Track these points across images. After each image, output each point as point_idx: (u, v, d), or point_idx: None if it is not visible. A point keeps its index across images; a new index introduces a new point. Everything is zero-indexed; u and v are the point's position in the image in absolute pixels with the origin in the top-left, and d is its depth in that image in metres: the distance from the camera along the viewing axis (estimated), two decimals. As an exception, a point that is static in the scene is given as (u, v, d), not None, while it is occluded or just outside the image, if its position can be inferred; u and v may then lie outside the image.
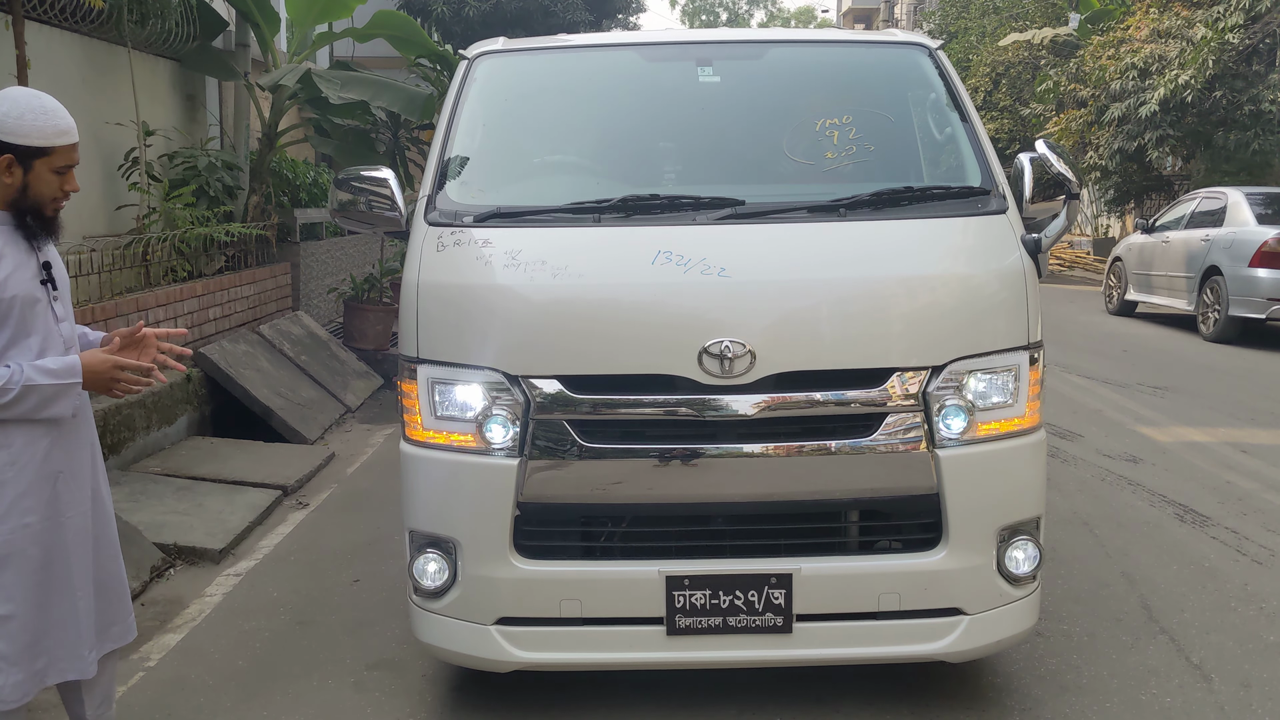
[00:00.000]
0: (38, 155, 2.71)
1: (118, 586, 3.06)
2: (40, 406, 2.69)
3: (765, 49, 4.13)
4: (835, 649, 3.23)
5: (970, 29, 30.67)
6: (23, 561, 2.76)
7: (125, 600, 3.09)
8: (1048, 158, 3.48)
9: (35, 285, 2.77)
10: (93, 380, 2.77)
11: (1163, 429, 7.71)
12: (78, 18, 7.32)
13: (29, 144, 2.69)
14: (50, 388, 2.69)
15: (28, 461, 2.74)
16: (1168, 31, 17.72)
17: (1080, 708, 3.56)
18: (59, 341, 2.82)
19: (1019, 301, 3.27)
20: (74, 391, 2.74)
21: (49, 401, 2.70)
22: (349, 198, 3.51)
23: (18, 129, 2.68)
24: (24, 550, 2.76)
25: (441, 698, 3.69)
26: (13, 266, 2.71)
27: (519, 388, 3.14)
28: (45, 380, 2.68)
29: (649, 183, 3.61)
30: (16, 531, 2.74)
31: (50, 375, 2.69)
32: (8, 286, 2.69)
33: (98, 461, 3.00)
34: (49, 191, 2.76)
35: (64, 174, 2.77)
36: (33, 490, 2.75)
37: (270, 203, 9.64)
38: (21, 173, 2.71)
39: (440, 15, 17.99)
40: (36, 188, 2.74)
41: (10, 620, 2.76)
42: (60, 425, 2.81)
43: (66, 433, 2.84)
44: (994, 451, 3.22)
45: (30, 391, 2.66)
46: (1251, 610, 4.40)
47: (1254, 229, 11.85)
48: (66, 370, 2.72)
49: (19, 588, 2.76)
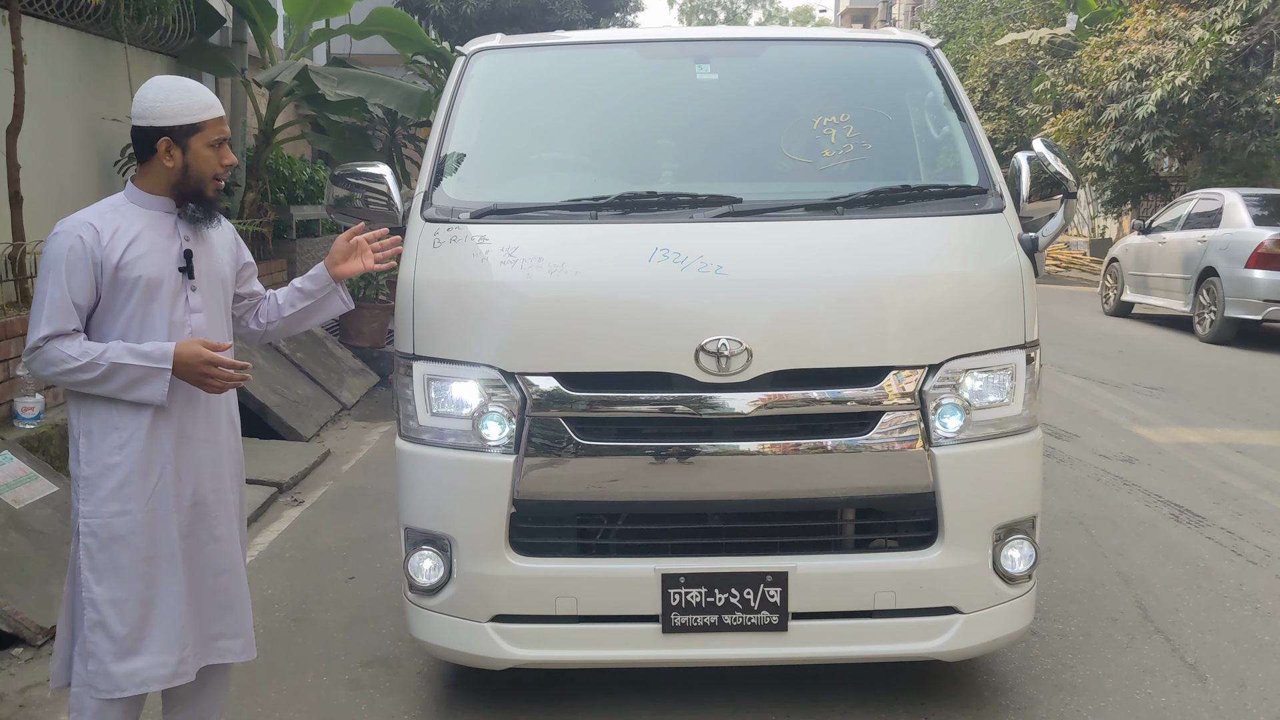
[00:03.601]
0: (191, 132, 2.75)
1: (229, 598, 2.93)
2: (128, 387, 2.67)
3: (763, 47, 4.13)
4: (831, 647, 3.23)
5: (968, 29, 30.68)
6: (123, 549, 2.71)
7: (240, 614, 2.96)
8: (1045, 157, 3.48)
9: (169, 271, 2.77)
10: (182, 370, 2.69)
11: (1158, 429, 7.72)
12: (74, 13, 7.30)
13: (181, 122, 2.73)
14: (138, 369, 2.66)
15: (137, 448, 2.71)
16: (1165, 33, 17.73)
17: (1075, 707, 3.56)
18: (187, 332, 2.80)
19: (1015, 300, 3.26)
20: (162, 377, 2.67)
21: (137, 384, 2.67)
22: (345, 194, 3.50)
23: (168, 110, 2.73)
24: (124, 537, 2.71)
25: (436, 695, 3.69)
26: (147, 248, 2.73)
27: (515, 385, 3.14)
28: (133, 361, 2.66)
29: (646, 180, 3.61)
30: (117, 516, 2.70)
31: (140, 357, 2.66)
32: (136, 266, 2.70)
33: (224, 465, 2.92)
34: (208, 168, 2.79)
35: (219, 148, 2.80)
36: (135, 478, 2.72)
37: (267, 199, 9.63)
38: (180, 153, 2.75)
39: (437, 12, 17.99)
40: (197, 165, 2.77)
41: (110, 605, 2.70)
42: (172, 418, 2.76)
43: (182, 427, 2.79)
44: (990, 450, 3.22)
45: (118, 370, 2.64)
46: (1246, 610, 4.41)
47: (1250, 230, 11.86)
48: (159, 355, 2.68)
49: (119, 573, 2.71)
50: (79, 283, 2.65)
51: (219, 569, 2.90)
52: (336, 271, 3.10)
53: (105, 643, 2.71)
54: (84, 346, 2.65)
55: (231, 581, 2.94)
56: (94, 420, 2.72)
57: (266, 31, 9.53)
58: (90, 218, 2.72)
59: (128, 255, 2.70)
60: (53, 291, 2.64)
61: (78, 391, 2.71)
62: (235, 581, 2.95)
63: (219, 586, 2.91)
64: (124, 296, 2.72)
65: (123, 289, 2.71)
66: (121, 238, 2.71)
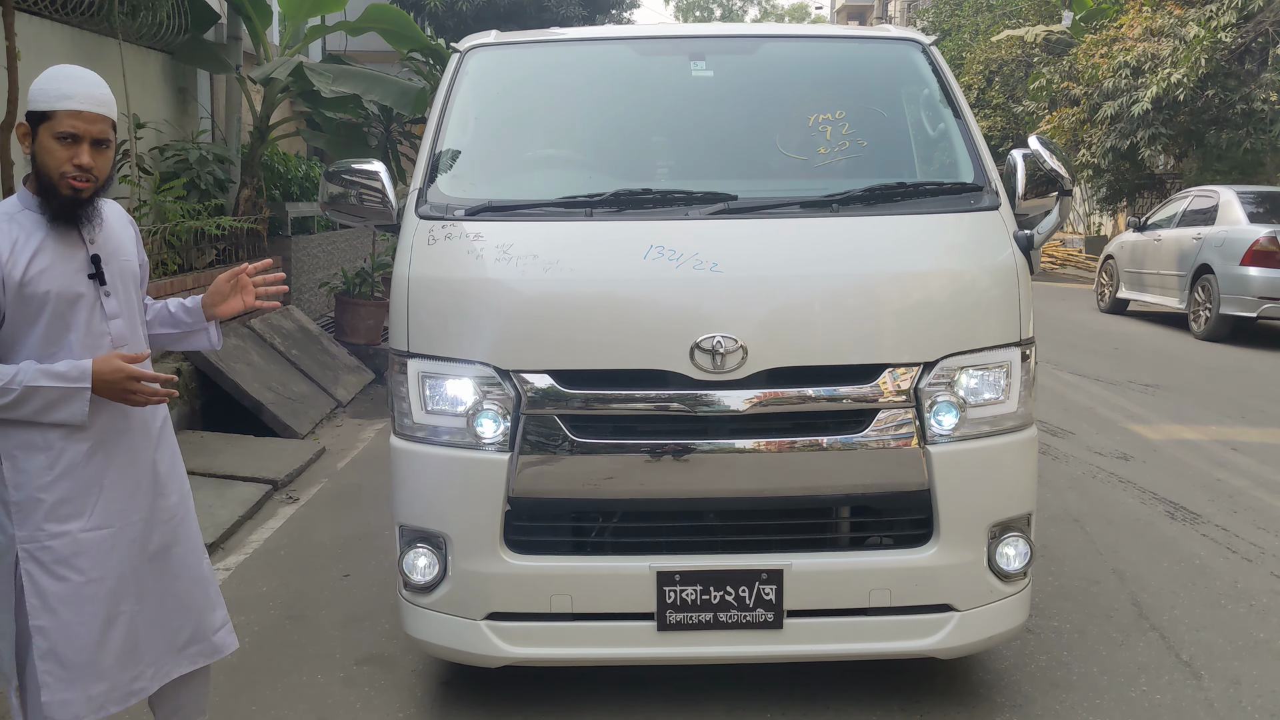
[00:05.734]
0: (40, 120, 2.54)
1: (193, 604, 2.87)
2: (46, 410, 2.54)
3: (759, 44, 4.12)
4: (826, 645, 3.23)
5: (964, 26, 30.69)
6: (67, 571, 2.59)
7: (205, 618, 2.90)
8: (1040, 154, 3.48)
9: (79, 280, 2.62)
10: (104, 388, 2.56)
11: (1154, 427, 7.73)
12: (68, 9, 7.28)
13: (33, 108, 2.55)
14: (54, 390, 2.52)
15: (69, 467, 2.60)
16: (1160, 30, 17.76)
17: (1070, 704, 3.57)
18: (106, 341, 2.67)
19: (1011, 298, 3.26)
20: (81, 397, 2.54)
21: (55, 405, 2.53)
22: (340, 191, 3.49)
23: (32, 95, 2.55)
24: (67, 560, 2.59)
25: (431, 692, 3.68)
26: (51, 258, 2.57)
27: (510, 382, 3.13)
28: (48, 383, 2.52)
29: (641, 177, 3.60)
30: (56, 539, 2.58)
31: (55, 378, 2.53)
32: (42, 280, 2.54)
33: (166, 472, 2.83)
34: (53, 163, 2.54)
35: (70, 144, 2.54)
36: (75, 497, 2.61)
37: (262, 196, 9.61)
38: (30, 143, 2.57)
39: (433, 9, 17.96)
40: (41, 158, 2.56)
41: (48, 632, 2.58)
42: (109, 431, 2.66)
43: (117, 439, 2.69)
44: (985, 448, 3.22)
45: (33, 393, 2.51)
46: (1241, 607, 4.41)
47: (1245, 228, 11.88)
48: (75, 374, 2.54)
49: (65, 597, 2.59)
50: None
51: (174, 575, 2.83)
52: (215, 311, 2.96)
53: (58, 670, 2.59)
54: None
55: (190, 586, 2.87)
56: (14, 442, 2.59)
57: (261, 28, 9.50)
58: None
59: (31, 269, 2.54)
60: None
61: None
62: (194, 586, 2.88)
63: (179, 593, 2.84)
64: (33, 313, 2.56)
65: (30, 305, 2.55)
66: (22, 251, 2.54)
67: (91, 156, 2.57)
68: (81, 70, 2.62)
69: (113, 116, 2.64)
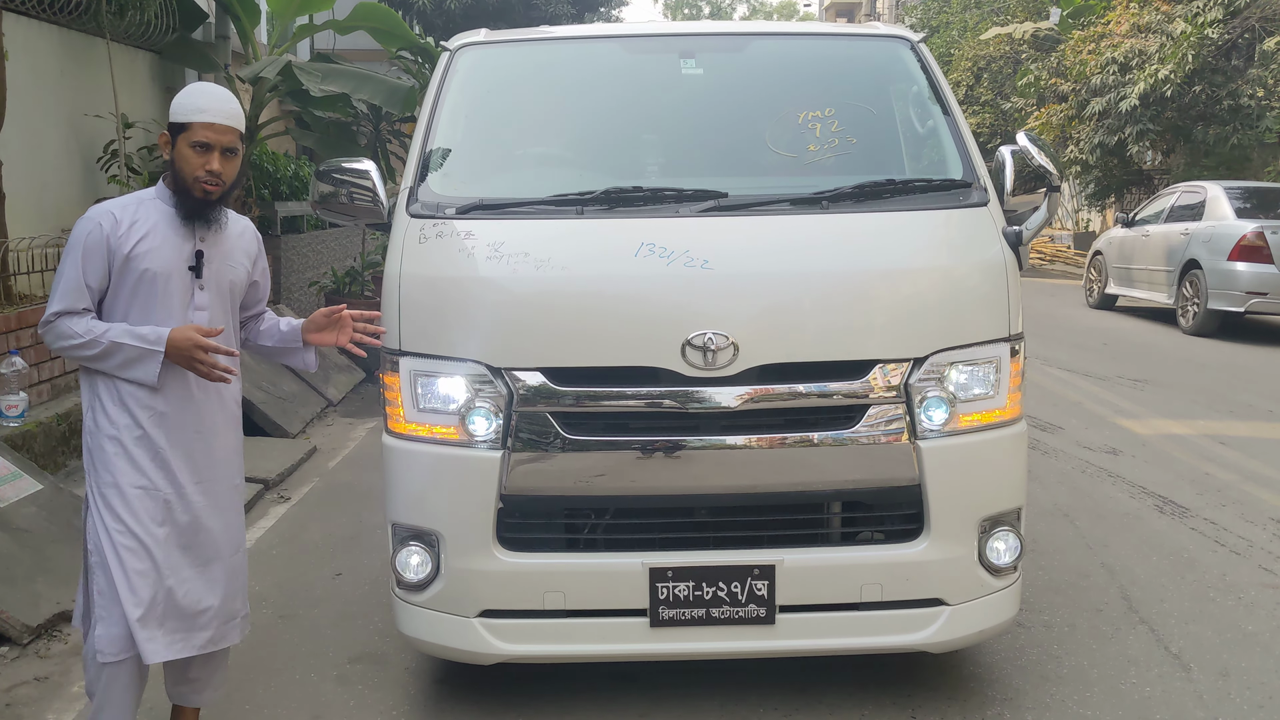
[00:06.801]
0: (179, 131, 2.88)
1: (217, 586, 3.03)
2: (125, 366, 2.83)
3: (748, 42, 4.13)
4: (818, 640, 3.25)
5: (952, 23, 30.75)
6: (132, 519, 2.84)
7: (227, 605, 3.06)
8: (1029, 150, 3.49)
9: (178, 268, 2.92)
10: (173, 354, 2.82)
11: (1142, 421, 7.77)
12: (56, 9, 7.25)
13: (174, 120, 2.89)
14: (133, 349, 2.81)
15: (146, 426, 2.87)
16: (1148, 26, 17.83)
17: (1060, 697, 3.59)
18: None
19: (1000, 294, 3.28)
20: (154, 359, 2.81)
21: (132, 363, 2.82)
22: (330, 189, 3.49)
23: (174, 108, 2.90)
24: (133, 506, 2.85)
25: (424, 690, 3.69)
26: (159, 242, 2.88)
27: (502, 380, 3.14)
28: (130, 341, 2.81)
29: (632, 175, 3.61)
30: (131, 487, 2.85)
31: (136, 338, 2.81)
32: (145, 259, 2.86)
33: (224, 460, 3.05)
34: (188, 169, 2.87)
35: (202, 152, 2.86)
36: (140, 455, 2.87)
37: (251, 196, 9.59)
38: (170, 150, 2.91)
39: (422, 7, 17.94)
40: (179, 165, 2.89)
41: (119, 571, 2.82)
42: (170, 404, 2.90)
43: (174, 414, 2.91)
44: (975, 443, 3.23)
45: (116, 349, 2.81)
46: (1230, 600, 4.44)
47: (1233, 223, 11.94)
48: (154, 338, 2.82)
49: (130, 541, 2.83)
50: (92, 266, 2.83)
51: (205, 559, 3.00)
52: (308, 339, 3.22)
53: (113, 608, 2.82)
54: (89, 325, 2.82)
55: (220, 572, 3.04)
56: (100, 393, 2.89)
57: (250, 27, 9.47)
58: (113, 206, 2.88)
59: (139, 247, 2.85)
60: (69, 272, 2.83)
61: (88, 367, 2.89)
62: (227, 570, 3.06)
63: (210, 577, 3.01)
64: (131, 285, 2.87)
65: (130, 277, 2.86)
66: (137, 230, 2.87)
67: (221, 163, 2.90)
68: (215, 87, 3.00)
69: (241, 128, 2.96)
